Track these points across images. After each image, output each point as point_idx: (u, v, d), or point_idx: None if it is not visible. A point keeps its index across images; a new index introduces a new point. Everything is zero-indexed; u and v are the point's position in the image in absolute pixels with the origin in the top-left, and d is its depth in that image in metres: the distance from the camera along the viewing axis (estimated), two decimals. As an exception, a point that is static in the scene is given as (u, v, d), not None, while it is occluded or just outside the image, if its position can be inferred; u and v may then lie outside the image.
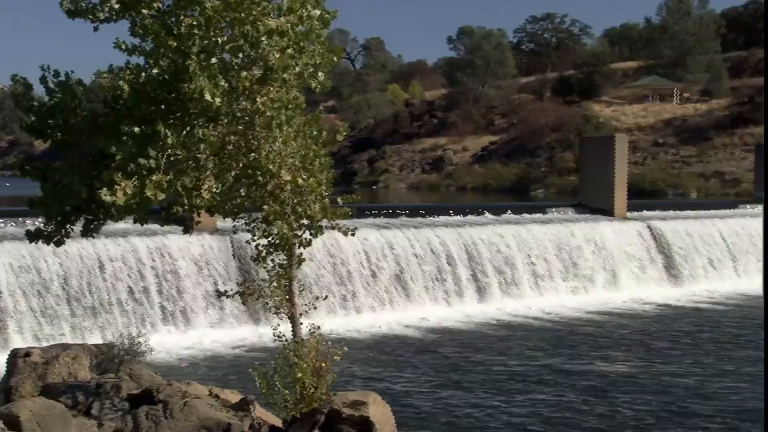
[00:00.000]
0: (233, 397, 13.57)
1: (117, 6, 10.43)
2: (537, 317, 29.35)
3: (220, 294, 13.51)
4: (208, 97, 10.15)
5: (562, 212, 38.50)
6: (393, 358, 23.26)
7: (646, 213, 39.39)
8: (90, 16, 10.51)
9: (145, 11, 10.42)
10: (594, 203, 38.41)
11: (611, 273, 34.46)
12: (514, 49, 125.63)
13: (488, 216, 36.48)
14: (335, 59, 11.91)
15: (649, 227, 36.89)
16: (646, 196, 64.77)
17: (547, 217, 37.16)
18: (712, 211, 41.53)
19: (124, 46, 10.66)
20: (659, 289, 34.42)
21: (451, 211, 36.48)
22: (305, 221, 12.32)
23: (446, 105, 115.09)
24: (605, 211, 37.53)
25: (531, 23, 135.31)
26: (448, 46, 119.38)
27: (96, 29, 10.70)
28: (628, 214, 37.92)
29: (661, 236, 36.63)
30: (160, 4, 10.55)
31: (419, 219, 34.16)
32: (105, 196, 9.75)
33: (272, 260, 12.76)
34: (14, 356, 14.61)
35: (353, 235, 13.15)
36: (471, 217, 35.89)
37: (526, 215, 37.18)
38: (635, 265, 35.29)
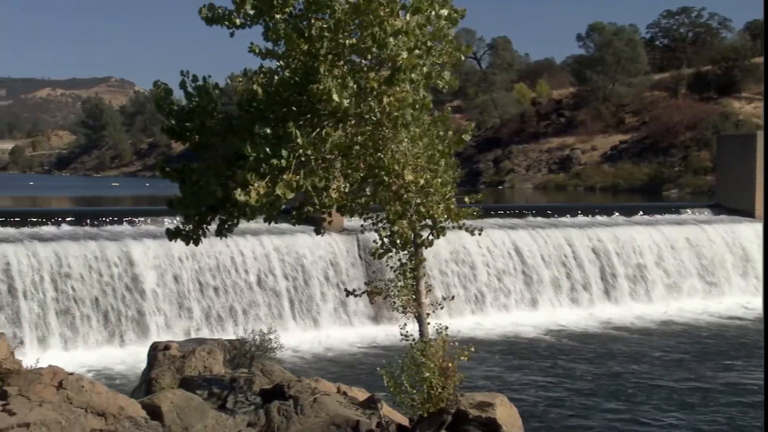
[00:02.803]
0: (360, 394, 13.72)
1: (252, 12, 10.76)
2: (670, 322, 28.29)
3: (348, 293, 13.67)
4: (335, 97, 10.31)
5: (697, 213, 36.97)
6: (519, 359, 22.96)
7: (790, 215, 37.24)
8: (227, 23, 10.89)
9: (277, 16, 10.70)
10: (732, 204, 36.68)
11: (752, 276, 32.79)
12: (646, 45, 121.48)
13: (618, 217, 35.47)
14: (462, 58, 11.84)
15: (794, 229, 34.86)
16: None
17: (682, 218, 35.78)
18: None
19: (258, 50, 10.99)
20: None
21: (580, 212, 35.68)
22: (428, 221, 12.30)
23: (574, 103, 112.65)
24: (745, 212, 35.76)
25: (665, 18, 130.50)
26: (577, 43, 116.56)
27: (232, 35, 11.08)
28: (771, 215, 35.95)
29: (807, 239, 34.56)
30: (292, 9, 10.81)
31: (546, 219, 33.59)
32: (239, 196, 10.07)
33: (399, 260, 12.81)
34: (154, 349, 15.31)
35: (479, 234, 13.04)
36: (600, 218, 35.00)
37: (658, 216, 35.92)
38: (778, 268, 33.42)
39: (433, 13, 10.99)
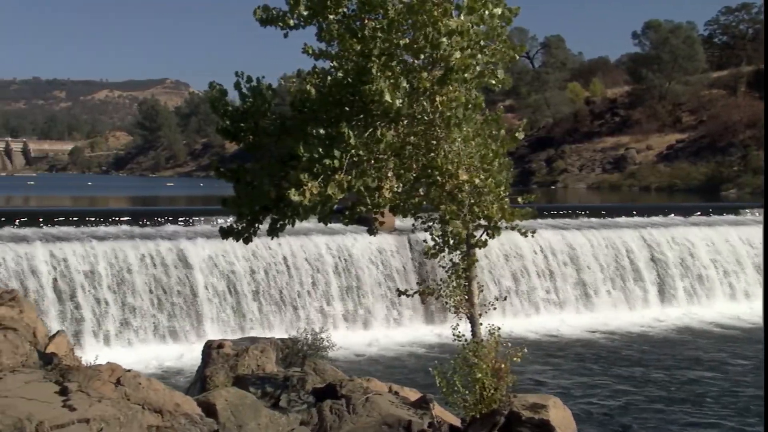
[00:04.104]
0: (412, 395, 13.71)
1: (305, 13, 10.83)
2: (729, 325, 27.69)
3: (400, 293, 13.67)
4: (387, 98, 10.32)
5: (757, 214, 36.09)
6: (572, 361, 22.71)
7: None
8: (281, 24, 10.99)
9: (331, 17, 10.76)
10: (794, 204, 35.72)
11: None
12: (704, 43, 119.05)
13: (674, 217, 34.84)
14: (516, 57, 11.75)
15: None
16: None
17: (741, 219, 34.99)
18: None
19: (311, 51, 11.06)
20: None
21: (634, 212, 35.14)
22: (482, 221, 12.24)
23: (629, 102, 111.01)
24: (807, 212, 34.79)
25: (724, 15, 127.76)
26: (632, 41, 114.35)
27: (286, 35, 11.17)
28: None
29: None
30: (345, 9, 10.86)
31: (600, 219, 33.16)
32: (293, 195, 10.14)
33: (451, 260, 12.77)
34: (208, 347, 15.53)
35: (533, 235, 12.93)
36: (656, 218, 34.42)
37: (716, 216, 35.18)
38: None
39: (486, 12, 10.93)
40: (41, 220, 26.06)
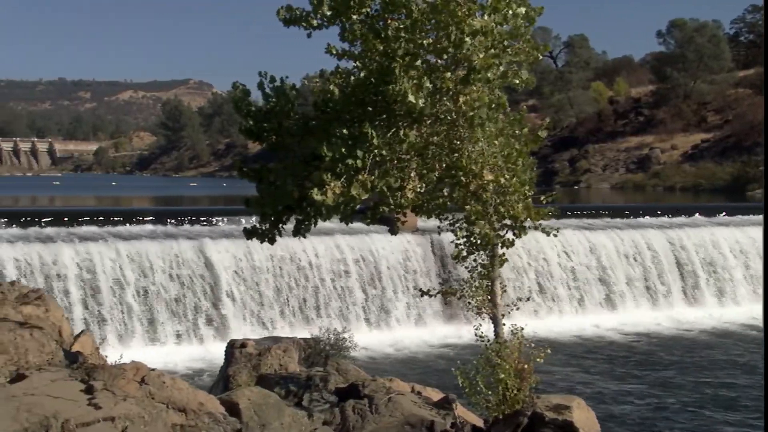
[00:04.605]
0: (434, 395, 13.69)
1: (329, 13, 10.84)
2: (754, 326, 27.39)
3: (422, 293, 13.66)
4: (411, 98, 10.31)
5: (784, 214, 35.66)
6: (596, 362, 22.58)
7: None
8: (304, 24, 11.00)
9: (354, 17, 10.76)
10: (821, 204, 35.27)
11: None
12: (730, 41, 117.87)
13: (699, 217, 34.53)
14: (540, 56, 11.70)
15: None
16: None
17: (767, 219, 34.57)
18: None
19: (334, 51, 11.07)
20: None
21: (659, 212, 34.87)
22: (508, 221, 12.19)
23: (654, 102, 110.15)
24: (835, 213, 34.35)
25: (751, 13, 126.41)
26: (657, 40, 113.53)
27: (309, 36, 11.18)
28: None
29: None
30: (368, 10, 10.85)
31: (624, 219, 32.94)
32: (316, 195, 10.15)
33: (474, 260, 12.73)
34: (231, 347, 15.60)
35: (556, 235, 12.87)
36: (680, 219, 34.14)
37: (742, 217, 34.81)
38: None
39: (510, 12, 10.89)
40: (66, 219, 26.32)
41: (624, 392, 19.40)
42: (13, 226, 25.24)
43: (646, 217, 33.81)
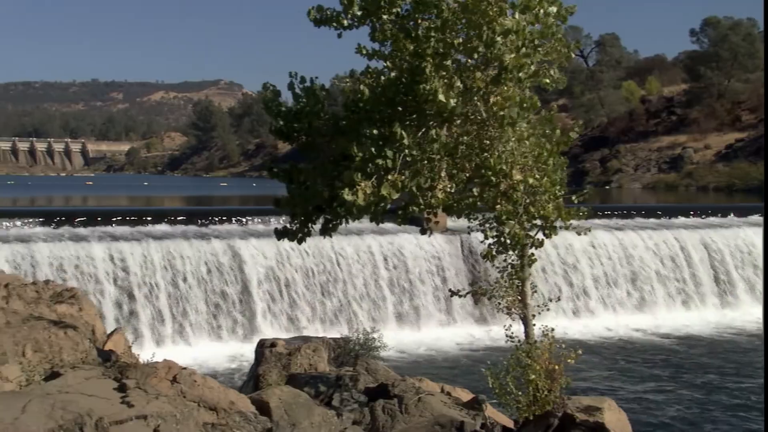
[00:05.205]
0: (464, 395, 13.65)
1: (359, 13, 10.85)
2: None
3: (453, 293, 13.62)
4: (441, 98, 10.28)
5: (819, 214, 35.11)
6: (627, 363, 22.36)
7: None
8: (334, 24, 11.02)
9: (384, 17, 10.76)
10: None
11: None
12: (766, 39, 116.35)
13: (733, 218, 34.09)
14: (572, 55, 11.62)
15: None
16: None
17: (803, 220, 34.06)
18: None
19: (365, 51, 11.07)
20: None
21: (692, 212, 34.48)
22: (538, 221, 12.12)
23: (686, 101, 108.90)
24: None
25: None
26: (690, 39, 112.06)
27: (339, 36, 11.19)
28: None
29: None
30: (399, 9, 10.84)
31: (656, 220, 32.61)
32: (347, 195, 10.16)
33: (504, 260, 12.67)
34: (261, 346, 15.66)
35: (586, 234, 12.77)
36: (713, 219, 33.73)
37: (777, 217, 34.30)
38: None
39: (541, 11, 10.82)
40: (99, 219, 26.63)
41: (655, 394, 19.20)
42: (49, 225, 25.60)
43: (680, 217, 33.45)
